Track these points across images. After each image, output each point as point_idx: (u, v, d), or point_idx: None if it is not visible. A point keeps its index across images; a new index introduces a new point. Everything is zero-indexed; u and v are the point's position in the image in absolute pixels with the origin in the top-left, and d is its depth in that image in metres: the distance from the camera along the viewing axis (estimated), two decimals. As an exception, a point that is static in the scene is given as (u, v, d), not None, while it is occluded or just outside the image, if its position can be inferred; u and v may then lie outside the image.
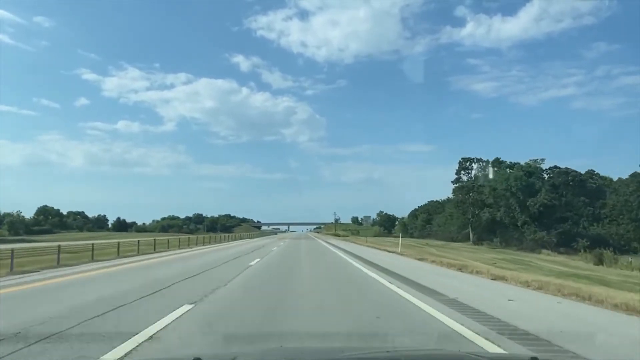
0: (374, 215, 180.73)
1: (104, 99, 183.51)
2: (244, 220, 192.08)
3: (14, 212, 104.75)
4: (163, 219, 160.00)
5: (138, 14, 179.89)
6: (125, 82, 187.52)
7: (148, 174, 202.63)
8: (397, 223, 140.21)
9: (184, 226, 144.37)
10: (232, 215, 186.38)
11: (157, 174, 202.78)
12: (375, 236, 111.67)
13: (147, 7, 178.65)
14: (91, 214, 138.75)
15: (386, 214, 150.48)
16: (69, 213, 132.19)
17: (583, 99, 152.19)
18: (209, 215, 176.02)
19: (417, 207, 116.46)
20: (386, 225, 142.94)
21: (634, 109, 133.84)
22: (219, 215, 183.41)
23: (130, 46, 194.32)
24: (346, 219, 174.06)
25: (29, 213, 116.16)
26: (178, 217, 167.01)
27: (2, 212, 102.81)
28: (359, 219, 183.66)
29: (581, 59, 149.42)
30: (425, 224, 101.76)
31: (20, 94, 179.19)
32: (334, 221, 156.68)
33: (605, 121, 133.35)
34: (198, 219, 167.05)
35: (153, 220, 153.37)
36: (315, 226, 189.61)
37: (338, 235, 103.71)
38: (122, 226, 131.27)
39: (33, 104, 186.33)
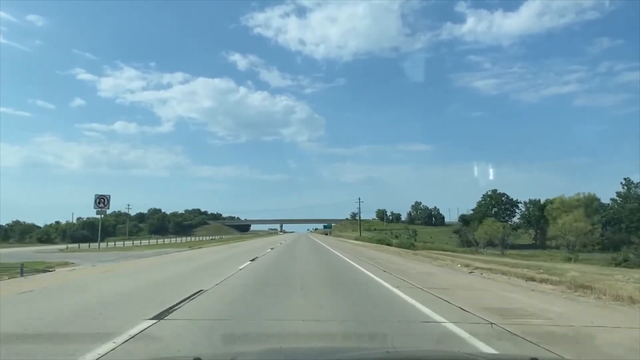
0: (408, 209, 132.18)
1: (100, 99, 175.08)
2: (218, 217, 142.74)
3: None
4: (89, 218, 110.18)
5: (133, 12, 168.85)
6: (122, 82, 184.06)
7: (146, 175, 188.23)
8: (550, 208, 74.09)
9: (120, 225, 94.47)
10: (202, 210, 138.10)
11: (155, 176, 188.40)
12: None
13: (141, 5, 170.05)
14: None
15: (494, 191, 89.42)
16: None
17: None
18: (169, 212, 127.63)
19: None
20: (501, 215, 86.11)
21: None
22: (185, 210, 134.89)
23: (126, 45, 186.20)
24: (366, 216, 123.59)
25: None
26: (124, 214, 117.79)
27: None
28: (388, 213, 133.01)
29: (583, 54, 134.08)
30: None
31: (15, 95, 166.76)
32: (350, 217, 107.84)
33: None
34: (150, 216, 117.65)
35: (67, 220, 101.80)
36: (319, 224, 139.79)
37: (389, 245, 49.88)
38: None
39: (28, 105, 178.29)
